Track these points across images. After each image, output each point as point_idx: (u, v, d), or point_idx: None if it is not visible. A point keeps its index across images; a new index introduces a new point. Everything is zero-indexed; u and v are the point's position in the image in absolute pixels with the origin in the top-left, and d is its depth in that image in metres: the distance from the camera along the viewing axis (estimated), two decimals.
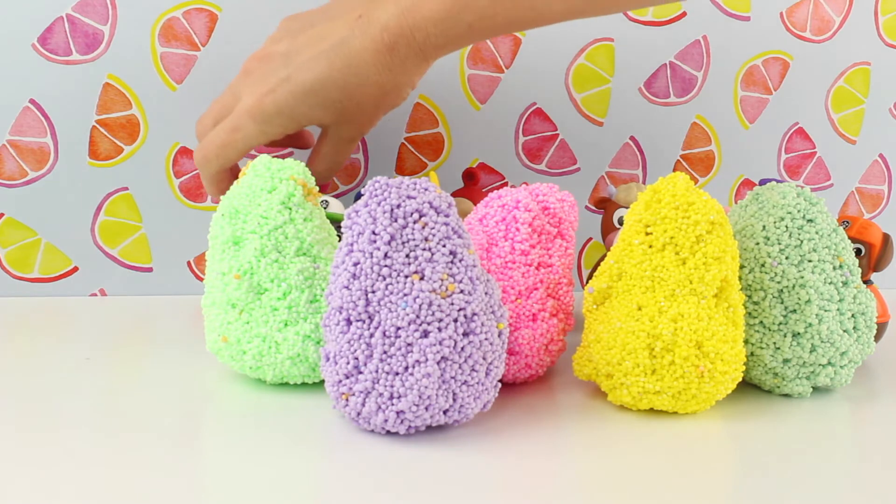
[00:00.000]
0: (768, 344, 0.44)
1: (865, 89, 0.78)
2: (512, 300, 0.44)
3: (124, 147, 0.67)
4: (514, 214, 0.46)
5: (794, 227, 0.44)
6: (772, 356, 0.44)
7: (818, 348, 0.43)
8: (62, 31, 0.64)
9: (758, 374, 0.45)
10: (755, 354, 0.44)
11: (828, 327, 0.43)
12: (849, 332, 0.44)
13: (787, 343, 0.43)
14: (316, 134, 0.59)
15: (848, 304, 0.44)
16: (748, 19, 0.75)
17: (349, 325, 0.38)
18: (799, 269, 0.43)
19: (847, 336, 0.44)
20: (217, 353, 0.45)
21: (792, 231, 0.44)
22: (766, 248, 0.44)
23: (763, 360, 0.44)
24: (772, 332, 0.44)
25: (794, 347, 0.43)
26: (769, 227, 0.44)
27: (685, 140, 0.76)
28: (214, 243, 0.45)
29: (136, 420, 0.40)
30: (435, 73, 0.70)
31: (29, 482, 0.33)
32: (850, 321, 0.44)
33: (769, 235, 0.44)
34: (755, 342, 0.44)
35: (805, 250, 0.43)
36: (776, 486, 0.34)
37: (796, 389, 0.44)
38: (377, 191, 0.38)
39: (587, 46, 0.72)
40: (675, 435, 0.40)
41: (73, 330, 0.58)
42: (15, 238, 0.66)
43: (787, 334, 0.43)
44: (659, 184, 0.42)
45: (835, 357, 0.44)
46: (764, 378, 0.45)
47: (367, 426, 0.38)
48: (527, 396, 0.45)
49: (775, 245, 0.44)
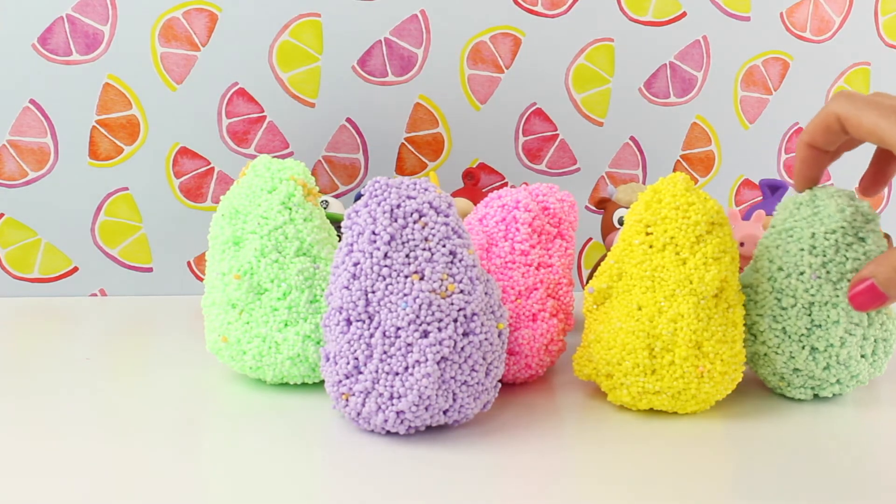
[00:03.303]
0: (784, 351, 0.42)
1: (865, 89, 0.78)
2: (512, 300, 0.44)
3: (124, 147, 0.67)
4: (514, 214, 0.46)
5: (843, 243, 0.41)
6: (784, 363, 0.43)
7: (832, 368, 0.42)
8: (62, 31, 0.64)
9: (765, 373, 0.44)
10: (768, 356, 0.43)
11: (847, 352, 0.42)
12: (866, 357, 0.43)
13: (804, 356, 0.42)
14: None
15: (874, 329, 0.42)
16: (748, 19, 0.75)
17: (349, 326, 0.38)
18: (836, 288, 0.41)
19: (863, 361, 0.43)
20: (217, 353, 0.45)
21: (840, 247, 0.41)
22: (810, 258, 0.41)
23: (775, 364, 0.43)
24: (791, 342, 0.42)
25: (808, 361, 0.42)
26: (818, 236, 0.41)
27: (685, 140, 0.76)
28: (214, 243, 0.45)
29: (136, 420, 0.40)
30: (435, 73, 0.70)
31: (29, 482, 0.33)
32: (871, 346, 0.43)
33: (816, 245, 0.41)
34: (772, 346, 0.43)
35: (847, 269, 0.41)
36: (776, 486, 0.34)
37: (798, 395, 0.44)
38: (377, 191, 0.38)
39: (587, 46, 0.72)
40: (674, 435, 0.40)
41: (73, 330, 0.58)
42: (15, 238, 0.66)
43: (806, 347, 0.42)
44: (659, 184, 0.42)
45: (845, 378, 0.43)
46: (769, 378, 0.44)
47: (367, 426, 0.38)
48: (527, 396, 0.45)
49: (819, 257, 0.41)
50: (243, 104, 0.68)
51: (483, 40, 0.71)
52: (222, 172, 0.69)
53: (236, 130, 0.68)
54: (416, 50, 0.70)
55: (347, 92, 0.69)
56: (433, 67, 0.70)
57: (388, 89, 0.70)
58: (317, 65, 0.69)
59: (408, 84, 0.70)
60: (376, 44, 0.69)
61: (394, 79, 0.70)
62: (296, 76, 0.68)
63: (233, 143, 0.68)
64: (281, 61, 0.68)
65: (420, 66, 0.70)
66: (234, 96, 0.68)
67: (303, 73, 0.69)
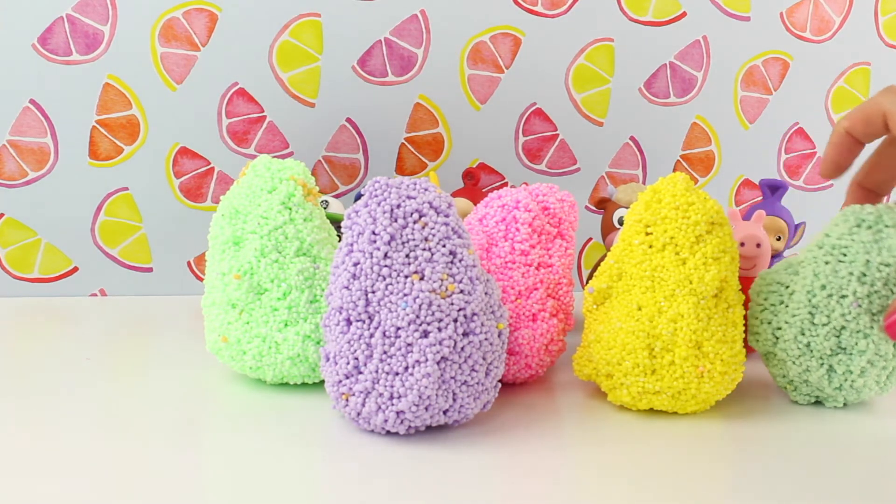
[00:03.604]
0: (802, 364, 0.42)
1: (865, 89, 0.78)
2: (512, 300, 0.44)
3: (124, 147, 0.67)
4: (514, 214, 0.46)
5: (894, 279, 0.40)
6: (798, 374, 0.42)
7: (844, 391, 0.42)
8: (62, 31, 0.64)
9: (775, 372, 0.44)
10: (784, 362, 0.43)
11: (864, 382, 0.41)
12: (880, 384, 0.42)
13: (820, 373, 0.41)
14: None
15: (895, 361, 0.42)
16: (748, 19, 0.75)
17: (349, 326, 0.38)
18: (872, 321, 0.40)
19: (876, 387, 0.42)
20: (217, 353, 0.45)
21: (890, 281, 0.40)
22: (857, 285, 0.40)
23: (788, 370, 0.43)
24: (812, 358, 0.41)
25: (822, 379, 0.41)
26: (872, 265, 0.40)
27: (685, 140, 0.76)
28: (214, 243, 0.45)
29: (136, 420, 0.40)
30: (435, 73, 0.70)
31: (29, 481, 0.33)
32: (888, 377, 0.42)
33: (867, 274, 0.40)
34: (791, 355, 0.42)
35: (889, 303, 0.40)
36: (776, 486, 0.34)
37: (800, 401, 0.44)
38: (377, 191, 0.38)
39: (587, 46, 0.72)
40: (674, 435, 0.40)
41: (73, 330, 0.58)
42: (15, 238, 0.66)
43: (825, 366, 0.41)
44: (659, 184, 0.42)
45: (852, 398, 0.43)
46: (778, 378, 0.44)
47: (367, 426, 0.38)
48: (527, 396, 0.45)
49: (867, 286, 0.40)
50: (243, 104, 0.68)
51: (483, 40, 0.71)
52: (222, 172, 0.69)
53: (236, 130, 0.68)
54: (416, 50, 0.70)
55: (347, 92, 0.69)
56: (433, 67, 0.70)
57: (388, 89, 0.70)
58: (317, 65, 0.69)
59: (408, 84, 0.70)
60: (376, 44, 0.69)
61: (394, 79, 0.70)
62: (296, 76, 0.68)
63: (233, 143, 0.68)
64: (281, 61, 0.68)
65: (420, 66, 0.70)
66: (234, 96, 0.68)
67: (303, 73, 0.69)
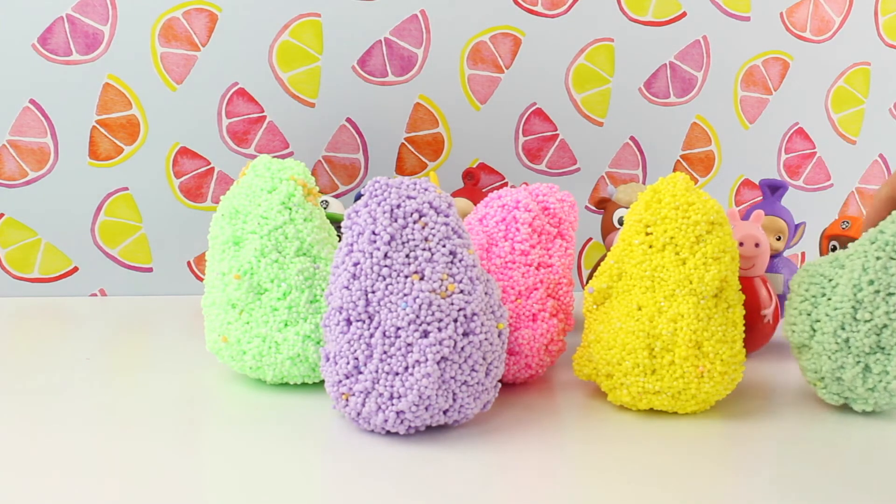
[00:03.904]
0: (838, 360, 0.41)
1: (865, 89, 0.78)
2: (512, 300, 0.44)
3: (124, 147, 0.67)
4: (514, 214, 0.46)
5: None
6: (831, 370, 0.42)
7: (877, 391, 0.42)
8: (62, 31, 0.64)
9: (806, 365, 0.43)
10: (819, 355, 0.42)
11: None
12: None
13: (855, 371, 0.41)
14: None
15: None
16: (748, 19, 0.75)
17: (349, 325, 0.38)
18: None
19: None
20: (217, 353, 0.45)
21: None
22: None
23: (821, 365, 0.42)
24: (849, 354, 0.41)
25: (856, 377, 0.41)
26: None
27: (685, 140, 0.76)
28: (214, 243, 0.45)
29: (136, 420, 0.40)
30: (435, 73, 0.70)
31: (29, 481, 0.33)
32: None
33: None
34: (827, 349, 0.41)
35: None
36: (775, 486, 0.34)
37: (829, 400, 0.43)
38: (377, 191, 0.38)
39: (587, 46, 0.72)
40: (674, 435, 0.40)
41: (73, 330, 0.58)
42: (15, 238, 0.66)
43: (861, 364, 0.41)
44: (659, 184, 0.42)
45: (883, 402, 0.42)
46: (809, 373, 0.43)
47: (367, 426, 0.38)
48: (527, 396, 0.45)
49: None
50: (243, 104, 0.68)
51: (483, 40, 0.71)
52: (222, 172, 0.69)
53: (236, 130, 0.68)
54: (416, 50, 0.70)
55: (347, 92, 0.69)
56: (433, 67, 0.70)
57: (388, 89, 0.70)
58: (317, 65, 0.69)
59: (408, 84, 0.70)
60: (376, 44, 0.69)
61: (394, 79, 0.70)
62: (296, 76, 0.68)
63: (233, 143, 0.68)
64: (281, 61, 0.68)
65: (420, 66, 0.70)
66: (234, 96, 0.68)
67: (303, 73, 0.69)
